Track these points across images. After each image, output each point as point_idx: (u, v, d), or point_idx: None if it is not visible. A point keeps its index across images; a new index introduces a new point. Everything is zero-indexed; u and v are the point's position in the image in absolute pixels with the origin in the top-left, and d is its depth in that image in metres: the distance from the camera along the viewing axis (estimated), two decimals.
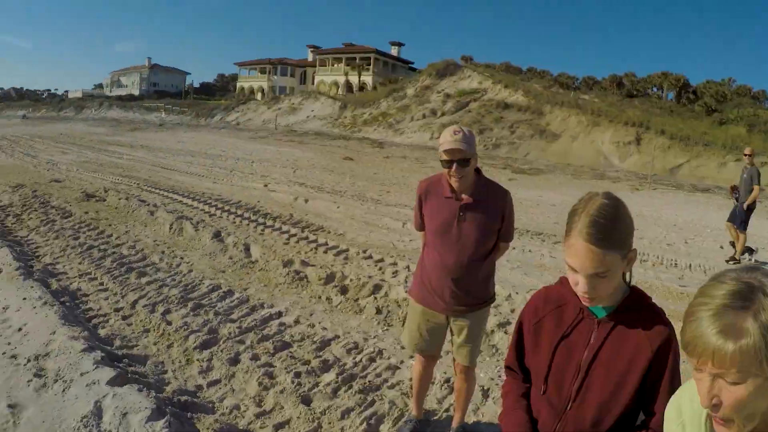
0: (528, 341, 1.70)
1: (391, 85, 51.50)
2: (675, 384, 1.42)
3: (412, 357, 4.04)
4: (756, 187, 8.98)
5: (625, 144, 30.67)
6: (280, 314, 5.10)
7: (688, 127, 31.28)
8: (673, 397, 1.28)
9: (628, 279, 1.58)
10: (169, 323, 4.68)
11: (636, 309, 1.53)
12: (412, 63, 71.73)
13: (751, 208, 9.10)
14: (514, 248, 8.30)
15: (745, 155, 9.48)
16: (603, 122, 32.84)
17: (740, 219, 9.05)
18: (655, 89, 49.15)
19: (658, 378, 1.48)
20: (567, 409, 1.56)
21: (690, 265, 8.31)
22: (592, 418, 1.52)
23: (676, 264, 8.32)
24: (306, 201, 11.17)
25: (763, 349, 0.94)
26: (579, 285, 1.46)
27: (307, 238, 7.99)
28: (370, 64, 64.64)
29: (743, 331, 0.94)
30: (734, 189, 9.44)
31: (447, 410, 3.64)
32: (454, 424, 3.31)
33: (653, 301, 1.58)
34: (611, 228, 1.41)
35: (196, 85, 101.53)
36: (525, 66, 54.73)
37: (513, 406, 1.70)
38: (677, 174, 26.86)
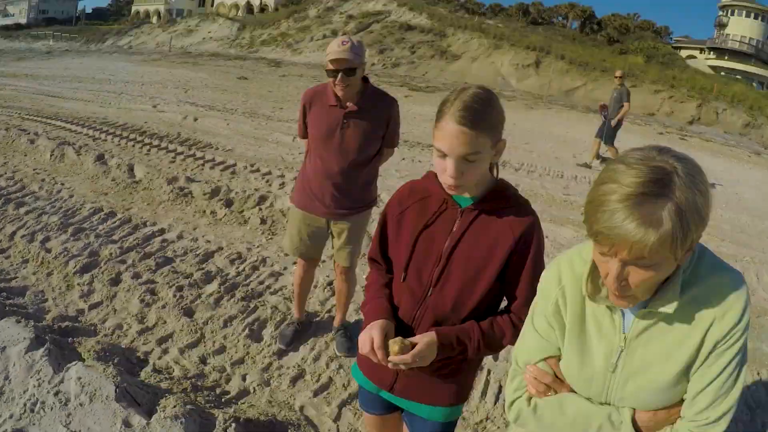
0: (391, 232, 1.69)
1: (293, 6, 49.50)
2: (538, 270, 1.41)
3: (295, 263, 4.07)
4: (626, 104, 9.78)
5: (524, 66, 31.14)
6: (162, 231, 4.94)
7: (587, 54, 32.18)
8: (551, 264, 1.29)
9: (495, 173, 1.58)
10: (48, 251, 4.38)
11: (501, 199, 1.53)
12: None
13: (619, 124, 9.89)
14: (403, 159, 8.44)
15: (616, 77, 10.40)
16: (504, 46, 33.12)
17: (608, 134, 9.83)
18: (560, 18, 50.45)
19: (521, 264, 1.50)
20: (427, 296, 1.56)
21: (576, 177, 8.82)
22: (452, 303, 1.54)
23: (562, 175, 8.79)
24: (195, 120, 10.65)
25: (678, 233, 0.92)
26: (447, 170, 1.41)
27: (194, 155, 7.66)
28: None
29: (662, 220, 0.92)
30: (603, 107, 10.17)
31: (329, 311, 3.73)
32: (336, 323, 3.39)
33: (521, 193, 1.59)
34: (483, 112, 1.39)
35: (89, 10, 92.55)
36: None
37: (375, 295, 1.69)
38: (573, 96, 27.75)
